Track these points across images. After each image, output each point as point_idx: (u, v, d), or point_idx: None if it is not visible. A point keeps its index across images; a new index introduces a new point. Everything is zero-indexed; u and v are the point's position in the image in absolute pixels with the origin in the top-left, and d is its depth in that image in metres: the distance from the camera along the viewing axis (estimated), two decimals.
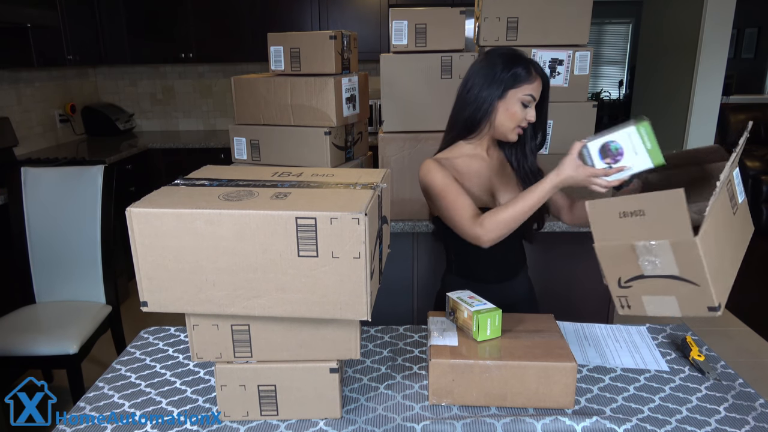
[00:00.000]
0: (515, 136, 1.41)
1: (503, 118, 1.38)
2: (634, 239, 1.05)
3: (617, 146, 1.12)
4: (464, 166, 1.44)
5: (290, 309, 0.97)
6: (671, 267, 1.04)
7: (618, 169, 1.15)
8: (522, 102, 1.36)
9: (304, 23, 4.04)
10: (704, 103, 3.79)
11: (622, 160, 1.12)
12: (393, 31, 1.97)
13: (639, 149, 1.10)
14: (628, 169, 1.13)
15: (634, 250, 1.05)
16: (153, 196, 0.99)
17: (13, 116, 3.42)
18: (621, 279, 1.10)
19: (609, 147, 1.12)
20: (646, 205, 1.02)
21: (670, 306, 1.08)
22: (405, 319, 2.25)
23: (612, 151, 1.12)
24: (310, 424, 1.10)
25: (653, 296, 1.08)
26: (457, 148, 1.47)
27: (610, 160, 1.13)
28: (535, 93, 1.37)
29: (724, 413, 1.12)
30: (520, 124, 1.38)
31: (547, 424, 1.06)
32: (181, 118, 4.60)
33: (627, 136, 1.11)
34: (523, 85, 1.35)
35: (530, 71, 1.36)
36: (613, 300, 1.13)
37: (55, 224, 2.29)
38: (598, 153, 1.14)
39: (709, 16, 3.63)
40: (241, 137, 2.13)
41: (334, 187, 1.04)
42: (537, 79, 1.37)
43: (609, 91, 10.37)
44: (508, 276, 1.52)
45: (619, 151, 1.12)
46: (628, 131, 1.10)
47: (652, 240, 1.02)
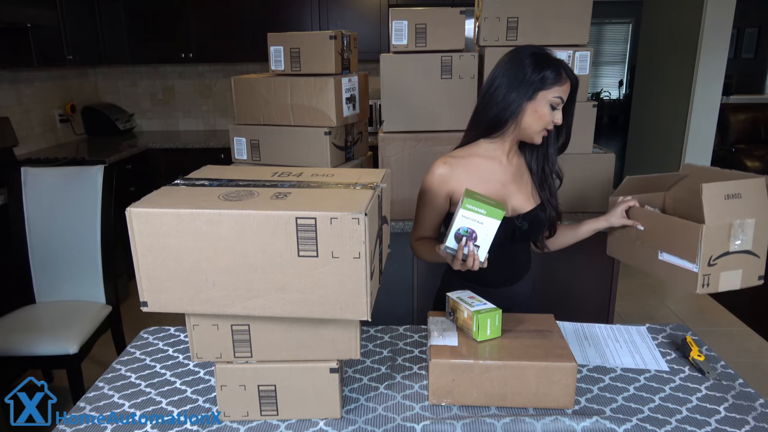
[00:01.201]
0: (540, 138, 1.39)
1: (531, 120, 1.35)
2: (733, 218, 1.25)
3: (465, 229, 1.21)
4: (479, 167, 1.42)
5: (290, 309, 0.96)
6: (749, 242, 1.27)
7: (482, 241, 1.22)
8: (551, 104, 1.34)
9: (304, 23, 4.04)
10: (704, 103, 3.79)
11: (478, 234, 1.21)
12: (393, 31, 1.97)
13: (480, 219, 1.19)
14: (486, 237, 1.21)
15: (731, 228, 1.26)
16: (153, 196, 0.99)
17: (13, 116, 3.42)
18: (711, 257, 1.27)
19: (460, 234, 1.22)
20: (742, 189, 1.26)
21: (735, 280, 1.31)
22: (405, 319, 2.25)
23: (464, 235, 1.22)
24: (310, 424, 1.10)
25: (728, 272, 1.29)
26: (476, 147, 1.45)
27: (471, 241, 1.22)
28: (564, 95, 1.34)
29: (724, 413, 1.12)
30: (547, 126, 1.36)
31: (547, 424, 1.06)
32: (181, 118, 4.60)
33: (464, 219, 1.19)
34: (554, 87, 1.33)
35: (560, 73, 1.33)
36: (698, 280, 1.28)
37: (55, 224, 2.29)
38: (456, 243, 1.23)
39: (709, 16, 3.63)
40: (241, 137, 2.13)
41: (334, 187, 1.04)
42: (567, 81, 1.34)
43: (609, 91, 10.37)
44: (509, 281, 1.51)
45: (469, 231, 1.21)
46: (462, 214, 1.19)
47: (746, 218, 1.25)
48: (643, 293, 3.63)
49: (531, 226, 1.42)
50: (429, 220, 1.47)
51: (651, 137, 4.41)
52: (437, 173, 1.41)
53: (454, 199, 1.43)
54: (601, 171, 2.10)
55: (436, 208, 1.44)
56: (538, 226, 1.44)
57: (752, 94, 6.19)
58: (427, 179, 1.43)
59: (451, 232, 1.22)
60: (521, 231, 1.41)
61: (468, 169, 1.42)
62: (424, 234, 1.49)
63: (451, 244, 1.23)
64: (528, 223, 1.42)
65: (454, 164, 1.42)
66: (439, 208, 1.44)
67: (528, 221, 1.42)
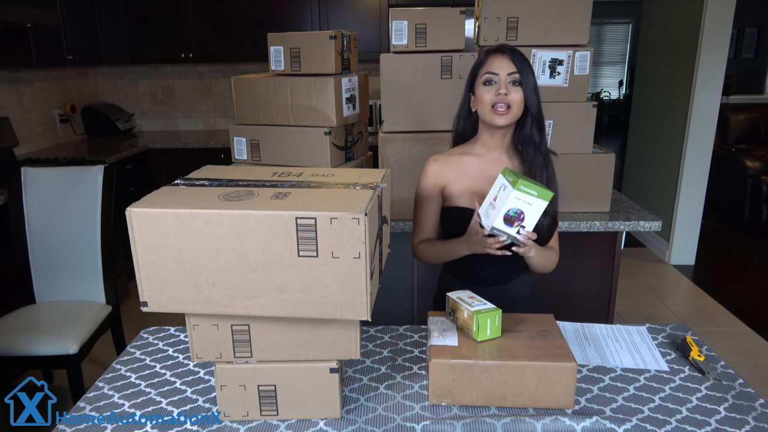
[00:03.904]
0: (498, 118, 1.36)
1: (479, 108, 1.40)
2: None
3: (515, 210, 1.20)
4: (470, 164, 1.46)
5: (290, 309, 0.97)
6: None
7: (528, 222, 1.21)
8: (483, 82, 1.37)
9: (304, 23, 4.04)
10: (704, 103, 3.78)
11: (526, 215, 1.20)
12: (393, 31, 1.97)
13: (530, 200, 1.19)
14: (532, 219, 1.21)
15: None
16: (153, 196, 0.99)
17: (13, 116, 3.42)
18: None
19: (510, 215, 1.21)
20: None
21: None
22: (405, 319, 2.25)
23: (514, 216, 1.21)
24: (310, 424, 1.10)
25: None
26: (465, 146, 1.50)
27: (518, 222, 1.21)
28: (493, 68, 1.36)
29: (724, 413, 1.12)
30: (493, 103, 1.35)
31: (547, 424, 1.06)
32: (181, 118, 4.60)
33: (516, 199, 1.19)
34: (479, 69, 1.38)
35: (487, 56, 1.37)
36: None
37: (55, 224, 2.29)
38: (505, 225, 1.22)
39: (709, 16, 3.62)
40: (241, 137, 2.13)
41: (334, 187, 1.04)
42: (492, 56, 1.37)
43: (609, 91, 10.38)
44: (504, 279, 1.51)
45: (519, 212, 1.20)
46: (515, 195, 1.18)
47: None
48: (643, 293, 3.63)
49: None
50: (429, 221, 1.48)
51: (651, 137, 4.40)
52: (431, 170, 1.46)
53: (446, 192, 1.47)
54: (601, 171, 2.10)
55: (434, 205, 1.47)
56: None
57: (752, 94, 6.18)
58: (421, 179, 1.47)
59: (499, 213, 1.20)
60: None
61: (458, 167, 1.45)
62: (426, 236, 1.50)
63: (498, 225, 1.21)
64: None
65: (445, 161, 1.46)
66: (436, 205, 1.47)
67: None
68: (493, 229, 1.23)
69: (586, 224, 2.02)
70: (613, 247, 2.17)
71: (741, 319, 3.28)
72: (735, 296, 3.58)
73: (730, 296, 3.57)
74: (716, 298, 3.55)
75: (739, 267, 4.22)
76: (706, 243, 4.26)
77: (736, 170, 4.76)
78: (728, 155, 4.85)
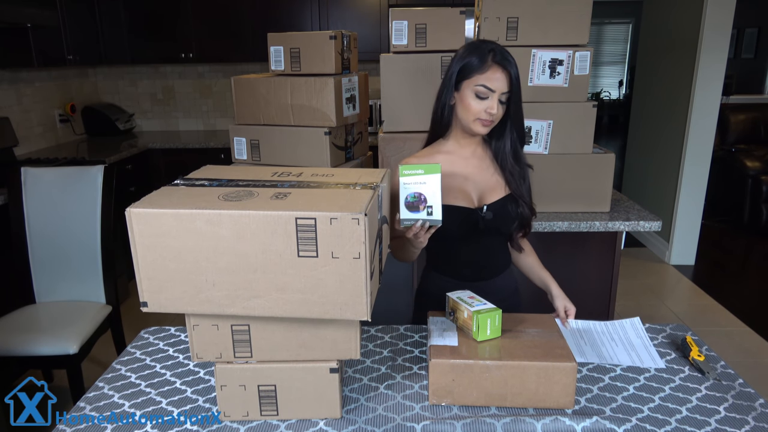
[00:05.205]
0: (481, 128, 1.35)
1: (461, 111, 1.35)
2: None
3: (412, 195, 1.20)
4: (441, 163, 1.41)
5: (290, 309, 0.97)
6: None
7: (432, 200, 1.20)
8: (476, 93, 1.30)
9: (304, 23, 4.04)
10: (704, 103, 3.78)
11: (426, 195, 1.19)
12: (393, 31, 1.97)
13: (421, 179, 1.18)
14: (435, 195, 1.20)
15: None
16: (153, 196, 0.99)
17: (13, 116, 3.42)
18: None
19: (410, 202, 1.20)
20: None
21: None
22: (405, 319, 2.25)
23: (415, 201, 1.20)
24: (310, 424, 1.10)
25: None
26: (437, 146, 1.46)
27: (423, 205, 1.20)
28: (491, 83, 1.29)
29: (724, 413, 1.12)
30: (479, 116, 1.32)
31: (547, 424, 1.06)
32: (181, 118, 4.60)
33: (406, 186, 1.19)
34: (474, 75, 1.29)
35: (485, 60, 1.28)
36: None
37: (55, 224, 2.29)
38: (411, 212, 1.21)
39: (709, 16, 3.62)
40: (241, 137, 2.13)
41: (334, 187, 1.04)
42: (493, 68, 1.28)
43: (609, 91, 10.38)
44: (486, 275, 1.50)
45: (416, 195, 1.20)
46: (403, 182, 1.19)
47: None
48: (643, 293, 3.63)
49: (497, 216, 1.41)
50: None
51: (651, 137, 4.41)
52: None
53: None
54: (601, 171, 2.10)
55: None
56: (504, 217, 1.42)
57: (752, 94, 6.18)
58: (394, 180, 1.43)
59: (402, 205, 1.21)
60: (486, 221, 1.40)
61: None
62: (396, 234, 1.46)
63: (405, 216, 1.21)
64: (493, 213, 1.40)
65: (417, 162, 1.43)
66: None
67: (493, 212, 1.40)
68: (403, 221, 1.22)
69: (586, 224, 2.02)
70: (613, 247, 2.17)
71: (741, 319, 3.28)
72: (735, 296, 3.58)
73: (730, 296, 3.57)
74: (716, 298, 3.55)
75: (739, 267, 4.22)
76: (706, 243, 4.26)
77: (736, 170, 4.76)
78: (728, 155, 4.85)
